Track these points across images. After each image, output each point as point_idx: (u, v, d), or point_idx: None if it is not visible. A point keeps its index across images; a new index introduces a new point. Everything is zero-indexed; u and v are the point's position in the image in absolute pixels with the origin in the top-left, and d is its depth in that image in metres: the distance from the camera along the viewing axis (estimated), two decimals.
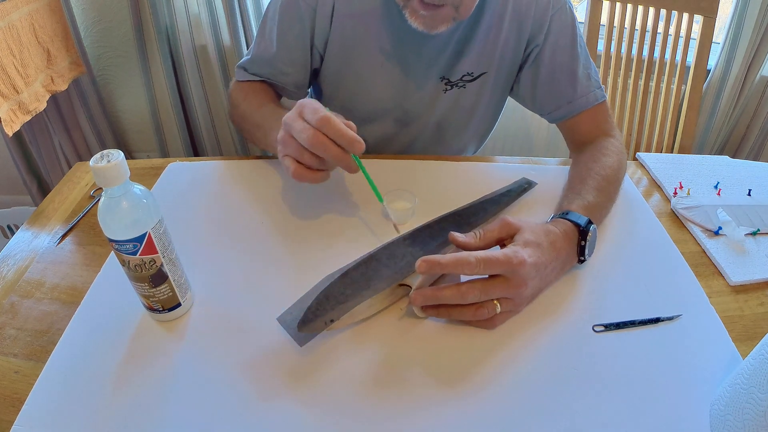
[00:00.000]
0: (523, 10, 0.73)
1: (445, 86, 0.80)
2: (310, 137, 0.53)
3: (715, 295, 0.58)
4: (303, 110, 0.55)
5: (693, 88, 1.17)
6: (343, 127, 0.53)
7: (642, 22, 1.15)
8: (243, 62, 0.80)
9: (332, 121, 0.53)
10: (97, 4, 1.44)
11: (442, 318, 0.52)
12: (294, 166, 0.56)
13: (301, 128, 0.54)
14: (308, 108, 0.55)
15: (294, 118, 0.55)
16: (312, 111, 0.54)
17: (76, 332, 0.51)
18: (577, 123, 0.78)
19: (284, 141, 0.57)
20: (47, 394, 0.45)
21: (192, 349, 0.49)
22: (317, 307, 0.49)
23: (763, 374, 0.39)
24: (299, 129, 0.54)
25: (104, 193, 0.43)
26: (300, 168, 0.56)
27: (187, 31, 1.45)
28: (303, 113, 0.55)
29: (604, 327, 0.53)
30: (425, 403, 0.45)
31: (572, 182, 0.67)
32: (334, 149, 0.53)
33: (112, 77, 1.58)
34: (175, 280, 0.49)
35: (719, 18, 1.11)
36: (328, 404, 0.45)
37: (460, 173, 0.76)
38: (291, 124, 0.55)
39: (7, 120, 1.11)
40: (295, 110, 0.56)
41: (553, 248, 0.54)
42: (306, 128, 0.53)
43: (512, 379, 0.48)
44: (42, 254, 0.61)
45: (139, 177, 0.74)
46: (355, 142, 0.53)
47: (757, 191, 0.74)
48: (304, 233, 0.63)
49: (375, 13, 0.73)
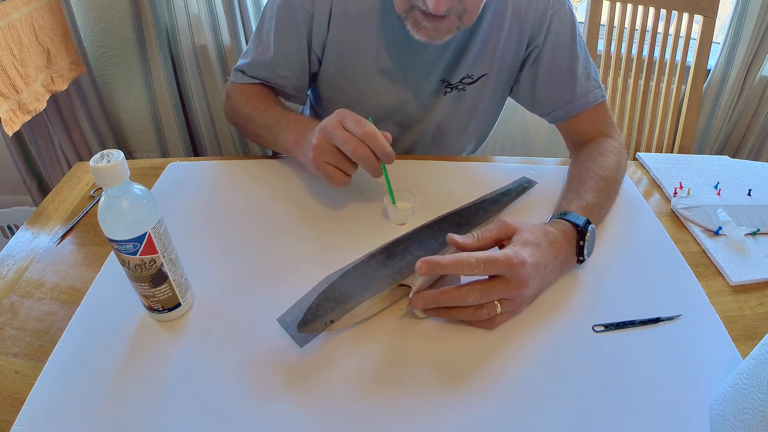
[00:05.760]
0: (523, 10, 0.73)
1: (445, 89, 0.80)
2: (355, 149, 0.57)
3: (715, 295, 0.58)
4: (344, 120, 0.58)
5: (693, 88, 1.17)
6: (384, 142, 0.57)
7: (642, 22, 1.15)
8: (241, 65, 0.79)
9: (378, 136, 0.57)
10: (97, 4, 1.44)
11: (441, 318, 0.52)
12: (336, 173, 0.60)
13: (346, 138, 0.57)
14: (351, 119, 0.58)
15: (336, 127, 0.58)
16: (355, 122, 0.57)
17: (76, 332, 0.51)
18: (577, 123, 0.78)
19: (323, 148, 0.59)
20: (47, 394, 0.45)
21: (192, 349, 0.49)
22: (317, 308, 0.49)
23: (763, 374, 0.39)
24: (343, 139, 0.57)
25: (104, 193, 0.43)
26: (340, 174, 0.60)
27: (187, 31, 1.45)
28: (345, 123, 0.58)
29: (604, 327, 0.53)
30: (425, 403, 0.45)
31: (571, 183, 0.67)
32: (374, 162, 0.58)
33: (112, 77, 1.58)
34: (175, 280, 0.49)
35: (719, 18, 1.11)
36: (328, 404, 0.45)
37: (460, 173, 0.76)
38: (333, 132, 0.58)
39: (7, 120, 1.10)
40: (336, 119, 0.59)
41: (552, 248, 0.54)
42: (350, 139, 0.57)
43: (512, 379, 0.48)
44: (42, 254, 0.61)
45: (139, 177, 0.74)
46: (391, 155, 0.58)
47: (757, 191, 0.74)
48: (304, 233, 0.63)
49: (373, 17, 0.73)
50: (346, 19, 0.73)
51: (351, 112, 0.59)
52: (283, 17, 0.74)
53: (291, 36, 0.74)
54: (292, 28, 0.74)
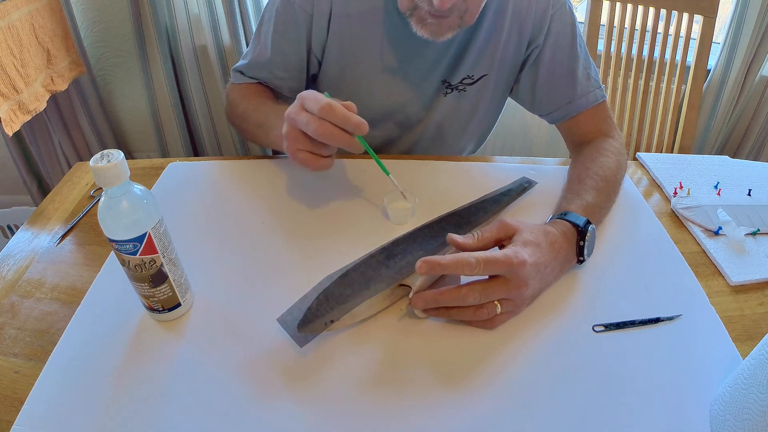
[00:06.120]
0: (524, 11, 0.73)
1: (445, 89, 0.80)
2: (317, 128, 0.54)
3: (715, 295, 0.58)
4: (304, 102, 0.56)
5: (693, 88, 1.17)
6: (346, 112, 0.54)
7: (642, 22, 1.15)
8: (239, 66, 0.80)
9: (335, 108, 0.54)
10: (97, 4, 1.44)
11: (441, 318, 0.52)
12: (310, 158, 0.57)
13: (307, 120, 0.54)
14: (309, 99, 0.55)
15: (297, 111, 0.56)
16: (313, 101, 0.55)
17: (76, 332, 0.51)
18: (577, 123, 0.78)
19: (291, 135, 0.57)
20: (47, 394, 0.45)
21: (192, 349, 0.49)
22: (317, 308, 0.49)
23: (763, 374, 0.39)
24: (305, 121, 0.55)
25: (104, 193, 0.43)
26: (315, 158, 0.58)
27: (187, 31, 1.45)
28: (305, 104, 0.55)
29: (604, 327, 0.53)
30: (425, 403, 0.45)
31: (571, 183, 0.67)
32: (340, 135, 0.55)
33: (112, 77, 1.58)
34: (175, 280, 0.49)
35: (719, 18, 1.11)
36: (328, 404, 0.45)
37: (460, 173, 0.76)
38: (295, 117, 0.56)
39: (7, 120, 1.11)
40: (297, 103, 0.57)
41: (552, 248, 0.54)
42: (311, 119, 0.54)
43: (512, 379, 0.48)
44: (42, 254, 0.61)
45: (139, 177, 0.74)
46: (360, 124, 0.54)
47: (757, 191, 0.74)
48: (305, 233, 0.63)
49: (376, 17, 0.73)
50: (347, 20, 0.73)
51: (311, 91, 0.56)
52: (282, 18, 0.74)
53: (289, 37, 0.74)
54: (290, 29, 0.74)
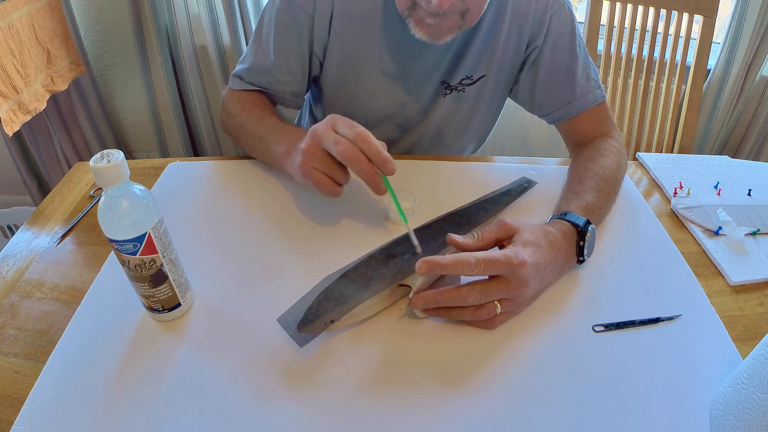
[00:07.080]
0: (523, 11, 0.73)
1: (445, 90, 0.80)
2: (346, 150, 0.53)
3: (715, 295, 0.58)
4: (336, 123, 0.55)
5: (693, 88, 1.17)
6: (380, 146, 0.54)
7: (642, 22, 1.15)
8: (239, 71, 0.77)
9: (371, 138, 0.53)
10: (97, 4, 1.44)
11: (441, 318, 0.52)
12: (325, 180, 0.56)
13: (336, 140, 0.53)
14: (343, 122, 0.55)
15: (326, 130, 0.55)
16: (348, 125, 0.54)
17: (76, 332, 0.51)
18: (577, 124, 0.78)
19: (310, 152, 0.56)
20: (47, 394, 0.45)
21: (192, 349, 0.49)
22: (317, 308, 0.49)
23: (763, 374, 0.39)
24: (334, 140, 0.53)
25: (104, 193, 0.43)
26: (329, 181, 0.56)
27: (187, 32, 1.45)
28: (336, 126, 0.55)
29: (604, 327, 0.53)
30: (425, 403, 0.45)
31: (571, 183, 0.67)
32: (366, 164, 0.53)
33: (112, 77, 1.58)
34: (175, 280, 0.49)
35: (719, 18, 1.11)
36: (328, 404, 0.45)
37: (460, 173, 0.76)
38: (322, 135, 0.55)
39: (7, 120, 1.11)
40: (327, 123, 0.56)
41: (552, 248, 0.54)
42: (341, 140, 0.53)
43: (512, 379, 0.48)
44: (42, 254, 0.61)
45: (139, 177, 0.74)
46: (388, 162, 0.53)
47: (757, 191, 0.74)
48: (305, 233, 0.63)
49: (375, 19, 0.72)
50: (348, 20, 0.72)
51: (344, 117, 0.56)
52: (283, 20, 0.72)
53: (291, 39, 0.73)
54: (292, 30, 0.73)
